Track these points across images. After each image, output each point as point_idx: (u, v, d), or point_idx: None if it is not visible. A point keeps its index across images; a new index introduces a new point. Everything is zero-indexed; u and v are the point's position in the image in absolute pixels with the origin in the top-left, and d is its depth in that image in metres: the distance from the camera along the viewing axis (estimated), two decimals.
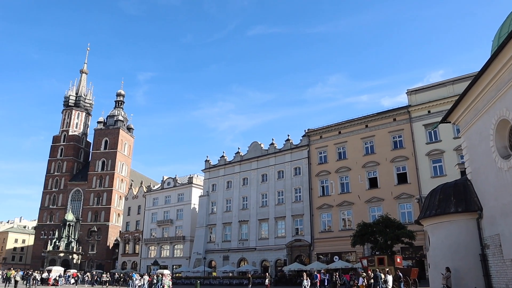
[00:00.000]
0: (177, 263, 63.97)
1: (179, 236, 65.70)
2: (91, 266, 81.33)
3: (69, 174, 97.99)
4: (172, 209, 68.85)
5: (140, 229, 74.16)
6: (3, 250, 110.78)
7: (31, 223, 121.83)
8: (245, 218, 55.18)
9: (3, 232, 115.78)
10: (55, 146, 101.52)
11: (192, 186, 66.99)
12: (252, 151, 57.77)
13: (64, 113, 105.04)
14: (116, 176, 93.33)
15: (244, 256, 53.94)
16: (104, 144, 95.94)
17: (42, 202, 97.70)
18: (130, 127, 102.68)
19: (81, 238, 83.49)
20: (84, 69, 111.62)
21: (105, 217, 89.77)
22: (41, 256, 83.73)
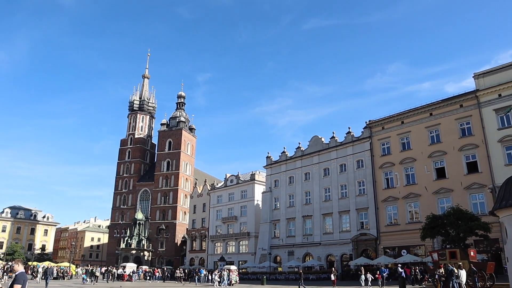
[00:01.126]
0: (243, 259, 64.91)
1: (244, 232, 66.60)
2: (161, 262, 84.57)
3: (137, 175, 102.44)
4: (236, 206, 69.94)
5: (206, 226, 76.04)
6: (82, 248, 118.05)
7: (104, 223, 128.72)
8: (309, 213, 54.90)
9: (80, 231, 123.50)
10: (123, 149, 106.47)
11: (254, 183, 67.63)
12: (313, 145, 57.30)
13: (130, 117, 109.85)
14: (181, 176, 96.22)
15: (309, 251, 53.71)
16: (168, 145, 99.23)
17: (114, 202, 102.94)
18: (192, 127, 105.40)
19: (151, 236, 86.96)
20: (146, 74, 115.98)
21: (172, 216, 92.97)
22: (115, 253, 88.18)
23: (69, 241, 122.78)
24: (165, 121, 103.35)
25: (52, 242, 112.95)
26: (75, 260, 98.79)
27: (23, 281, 7.15)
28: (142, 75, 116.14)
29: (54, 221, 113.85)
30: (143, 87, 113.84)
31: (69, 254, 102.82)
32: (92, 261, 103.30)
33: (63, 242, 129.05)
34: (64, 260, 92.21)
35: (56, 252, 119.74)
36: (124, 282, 45.38)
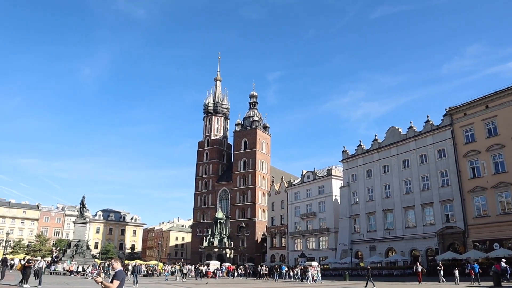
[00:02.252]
0: (323, 255, 64.41)
1: (323, 228, 66.05)
2: (242, 260, 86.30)
3: (215, 175, 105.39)
4: (314, 202, 69.53)
5: (285, 223, 76.41)
6: (167, 247, 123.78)
7: (187, 222, 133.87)
8: (389, 207, 53.21)
9: (165, 231, 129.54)
10: (201, 151, 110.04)
11: (331, 178, 66.79)
12: (390, 136, 55.40)
13: (205, 120, 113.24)
14: (258, 174, 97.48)
15: (392, 245, 52.02)
16: (243, 145, 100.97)
17: (195, 203, 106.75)
18: (265, 126, 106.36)
19: (232, 234, 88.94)
20: (218, 77, 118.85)
21: (251, 214, 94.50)
22: (198, 251, 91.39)
23: (156, 240, 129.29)
24: (239, 121, 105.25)
25: (141, 242, 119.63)
26: (162, 259, 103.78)
27: (122, 278, 7.60)
28: (214, 78, 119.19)
29: (141, 222, 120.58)
30: (216, 89, 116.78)
31: (156, 253, 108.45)
32: (177, 259, 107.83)
33: (150, 242, 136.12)
34: (152, 259, 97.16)
35: (144, 251, 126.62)
36: (209, 279, 46.87)
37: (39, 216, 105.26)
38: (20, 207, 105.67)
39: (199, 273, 46.95)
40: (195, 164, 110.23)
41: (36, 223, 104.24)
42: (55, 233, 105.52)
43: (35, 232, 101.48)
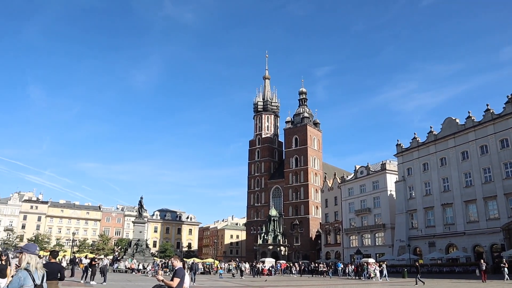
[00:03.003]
0: (380, 251, 63.03)
1: (379, 224, 64.61)
2: (297, 257, 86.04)
3: (267, 173, 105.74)
4: (368, 197, 68.19)
5: (339, 220, 75.45)
6: (222, 245, 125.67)
7: (241, 220, 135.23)
8: (448, 201, 51.19)
9: (220, 230, 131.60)
10: (252, 150, 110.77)
11: (386, 173, 65.20)
12: (447, 128, 53.24)
13: (256, 118, 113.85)
14: (310, 171, 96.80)
15: (452, 241, 50.04)
16: (294, 142, 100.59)
17: (248, 201, 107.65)
18: (316, 122, 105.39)
19: (286, 231, 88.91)
20: (266, 75, 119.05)
21: (304, 211, 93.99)
22: (253, 249, 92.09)
23: (211, 239, 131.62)
24: (289, 118, 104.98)
25: (197, 240, 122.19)
26: (218, 257, 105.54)
27: (182, 275, 7.80)
28: (263, 77, 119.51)
29: (196, 221, 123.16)
30: (265, 88, 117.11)
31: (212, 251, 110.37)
32: (232, 257, 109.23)
33: (205, 240, 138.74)
34: (208, 257, 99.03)
35: (200, 249, 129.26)
36: (266, 277, 47.09)
37: (101, 216, 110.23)
38: (84, 208, 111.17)
39: (255, 271, 47.27)
40: (247, 162, 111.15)
41: (99, 224, 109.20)
42: (116, 232, 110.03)
43: (98, 232, 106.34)
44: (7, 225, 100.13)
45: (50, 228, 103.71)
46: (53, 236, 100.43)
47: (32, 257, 5.13)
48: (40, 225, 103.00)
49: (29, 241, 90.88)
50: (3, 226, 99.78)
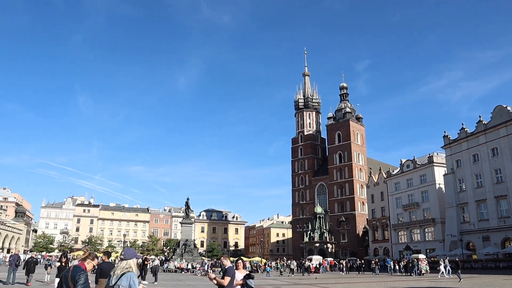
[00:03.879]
0: (430, 247, 61.26)
1: (428, 219, 62.80)
2: (345, 254, 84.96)
3: (311, 170, 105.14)
4: (416, 191, 66.45)
5: (386, 215, 73.96)
6: (269, 243, 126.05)
7: (286, 218, 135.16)
8: (502, 193, 49.03)
9: (266, 228, 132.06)
10: (295, 147, 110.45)
11: (433, 165, 63.26)
12: (497, 116, 50.96)
13: (297, 116, 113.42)
14: (354, 166, 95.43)
15: (509, 235, 47.87)
16: (337, 138, 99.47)
17: (293, 199, 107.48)
18: (358, 116, 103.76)
19: (332, 228, 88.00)
20: (306, 72, 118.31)
21: (350, 207, 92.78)
22: (299, 247, 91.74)
23: (257, 237, 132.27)
24: (331, 114, 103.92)
25: (243, 239, 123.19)
26: (265, 255, 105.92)
27: (232, 274, 7.94)
28: (302, 74, 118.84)
29: (242, 220, 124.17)
30: (305, 85, 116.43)
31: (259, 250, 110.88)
32: (279, 255, 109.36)
33: (252, 239, 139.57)
34: (254, 255, 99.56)
35: (247, 248, 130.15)
36: (315, 274, 46.86)
37: (149, 218, 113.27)
38: (133, 210, 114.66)
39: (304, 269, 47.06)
40: (290, 160, 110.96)
41: (147, 225, 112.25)
42: (164, 233, 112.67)
43: (147, 233, 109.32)
44: (63, 228, 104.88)
45: (102, 230, 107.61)
46: (105, 237, 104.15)
47: (122, 263, 5.54)
48: (93, 227, 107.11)
49: (83, 243, 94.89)
50: (59, 229, 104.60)
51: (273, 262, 61.95)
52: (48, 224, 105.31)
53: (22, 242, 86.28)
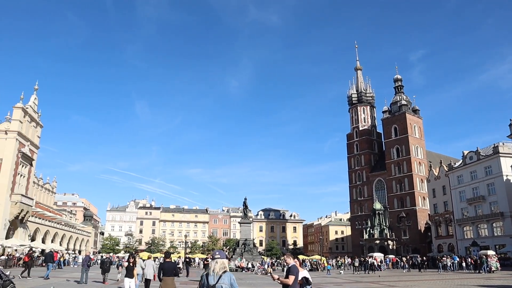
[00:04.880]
0: (500, 243, 58.26)
1: (496, 213, 59.75)
2: (406, 250, 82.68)
3: (368, 166, 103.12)
4: (480, 184, 63.43)
5: (449, 210, 71.20)
6: (328, 241, 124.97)
7: (345, 216, 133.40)
8: None
9: (324, 226, 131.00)
10: (350, 143, 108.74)
11: (499, 156, 60.02)
12: None
13: (351, 111, 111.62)
14: (413, 160, 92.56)
15: None
16: (394, 132, 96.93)
17: (350, 195, 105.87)
18: (415, 109, 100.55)
19: (392, 224, 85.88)
20: (358, 66, 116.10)
21: (410, 202, 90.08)
22: (359, 244, 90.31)
23: (316, 235, 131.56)
24: (386, 108, 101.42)
25: (301, 238, 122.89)
26: (324, 253, 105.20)
27: (296, 272, 8.09)
28: (354, 68, 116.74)
29: (300, 218, 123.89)
30: (357, 79, 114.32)
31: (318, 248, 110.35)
32: (338, 253, 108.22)
33: (310, 237, 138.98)
34: (314, 253, 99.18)
35: (306, 246, 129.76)
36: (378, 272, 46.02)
37: (208, 219, 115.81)
38: (192, 212, 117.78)
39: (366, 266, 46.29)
40: (346, 157, 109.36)
41: (207, 225, 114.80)
42: (224, 233, 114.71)
43: (206, 233, 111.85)
44: (127, 231, 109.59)
45: (164, 231, 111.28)
46: (167, 238, 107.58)
47: (217, 261, 5.67)
48: (155, 229, 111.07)
49: (146, 244, 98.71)
50: (123, 231, 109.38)
51: (333, 260, 61.45)
52: (113, 227, 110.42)
53: (91, 244, 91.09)
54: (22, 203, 48.57)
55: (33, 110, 52.84)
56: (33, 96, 53.62)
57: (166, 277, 10.48)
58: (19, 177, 50.24)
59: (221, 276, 5.54)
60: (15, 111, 48.84)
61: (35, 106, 53.81)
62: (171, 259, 12.57)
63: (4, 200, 46.24)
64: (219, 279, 5.52)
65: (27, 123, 51.17)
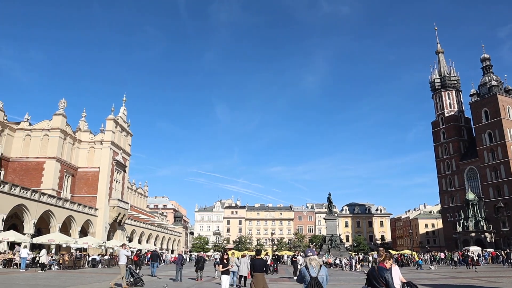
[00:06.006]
0: None
1: None
2: (507, 243, 76.83)
3: (457, 154, 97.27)
4: None
5: None
6: (417, 235, 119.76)
7: (434, 208, 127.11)
8: None
9: (413, 219, 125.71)
10: (436, 131, 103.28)
11: None
12: None
13: (435, 98, 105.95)
14: (509, 145, 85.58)
15: None
16: (484, 116, 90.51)
17: (440, 186, 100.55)
18: (508, 89, 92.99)
19: (489, 215, 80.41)
20: (439, 49, 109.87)
21: (509, 191, 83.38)
22: (452, 237, 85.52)
23: (404, 229, 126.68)
24: (474, 91, 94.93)
25: (389, 232, 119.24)
26: (414, 248, 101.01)
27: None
28: (435, 51, 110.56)
29: (386, 212, 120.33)
30: (439, 63, 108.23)
31: (407, 242, 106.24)
32: (430, 247, 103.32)
33: (399, 231, 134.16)
34: (403, 248, 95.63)
35: (394, 241, 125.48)
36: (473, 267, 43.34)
37: (293, 216, 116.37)
38: (277, 209, 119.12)
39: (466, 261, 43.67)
40: (432, 146, 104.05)
41: (292, 222, 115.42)
42: (309, 229, 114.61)
43: (292, 230, 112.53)
44: (215, 230, 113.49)
45: (250, 229, 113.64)
46: (254, 236, 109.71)
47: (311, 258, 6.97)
48: (241, 227, 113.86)
49: (234, 243, 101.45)
50: (211, 231, 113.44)
51: (426, 255, 58.85)
52: (202, 227, 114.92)
53: (182, 244, 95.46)
54: (119, 207, 52.30)
55: (123, 121, 56.72)
56: (122, 107, 57.54)
57: (257, 273, 10.89)
58: (115, 183, 54.09)
59: (320, 269, 6.83)
60: (108, 123, 52.82)
61: (124, 117, 57.70)
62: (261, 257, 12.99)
63: (103, 205, 50.14)
64: (319, 272, 6.80)
65: (118, 133, 55.01)
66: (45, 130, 47.89)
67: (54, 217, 40.51)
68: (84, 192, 50.76)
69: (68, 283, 19.69)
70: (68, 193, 48.99)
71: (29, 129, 48.27)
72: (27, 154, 47.16)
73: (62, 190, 47.67)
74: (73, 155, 50.89)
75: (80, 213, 45.74)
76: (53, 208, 40.45)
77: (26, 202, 36.37)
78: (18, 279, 20.70)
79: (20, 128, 48.31)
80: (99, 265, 36.68)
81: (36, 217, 37.73)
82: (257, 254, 12.17)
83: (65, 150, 48.95)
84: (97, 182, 50.97)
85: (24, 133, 48.07)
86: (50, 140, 47.42)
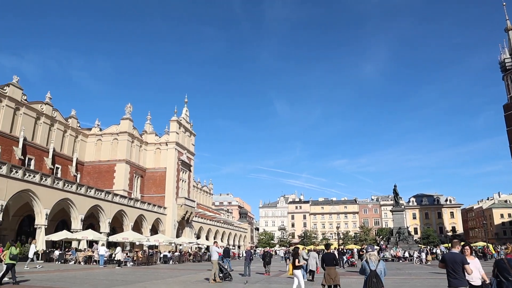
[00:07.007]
0: None
1: None
2: None
3: None
4: None
5: None
6: (492, 225, 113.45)
7: (510, 197, 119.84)
8: None
9: (487, 209, 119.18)
10: (509, 115, 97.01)
11: None
12: None
13: (506, 79, 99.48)
14: None
15: None
16: None
17: None
18: None
19: None
20: (508, 26, 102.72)
21: None
22: None
23: (477, 220, 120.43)
24: None
25: (461, 223, 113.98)
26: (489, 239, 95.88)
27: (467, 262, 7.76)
28: (504, 29, 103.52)
29: (457, 202, 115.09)
30: (510, 41, 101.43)
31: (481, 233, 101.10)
32: (507, 238, 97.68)
33: (471, 222, 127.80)
34: (477, 240, 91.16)
35: (466, 232, 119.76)
36: None
37: (358, 209, 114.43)
38: (341, 203, 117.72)
39: None
40: (505, 130, 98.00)
41: (357, 216, 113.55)
42: (375, 222, 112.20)
43: (357, 223, 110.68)
44: (280, 225, 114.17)
45: (315, 224, 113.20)
46: (319, 231, 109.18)
47: (371, 254, 8.33)
48: (306, 222, 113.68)
49: (299, 237, 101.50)
50: (276, 226, 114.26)
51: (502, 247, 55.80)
52: (267, 222, 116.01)
53: (248, 240, 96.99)
54: (186, 205, 54.13)
55: (186, 121, 58.60)
56: (184, 108, 59.43)
57: (329, 266, 11.22)
58: (181, 182, 56.05)
59: (378, 263, 8.10)
60: (172, 124, 54.82)
61: (187, 118, 59.56)
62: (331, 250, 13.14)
63: (171, 203, 52.15)
64: (377, 265, 8.06)
65: (182, 133, 56.92)
66: (114, 134, 50.57)
67: (127, 216, 42.74)
68: (152, 192, 53.07)
69: (143, 278, 20.74)
70: (138, 193, 51.43)
71: (99, 134, 51.17)
72: (99, 157, 50.06)
73: (132, 191, 50.16)
74: (141, 156, 53.34)
75: (150, 212, 47.90)
76: (126, 208, 42.69)
77: (101, 203, 38.71)
78: (98, 275, 22.09)
79: (92, 134, 51.32)
80: (170, 261, 38.18)
81: (111, 216, 40.03)
82: (326, 248, 12.44)
83: (133, 152, 51.41)
84: (165, 182, 53.12)
85: (95, 138, 51.05)
86: (119, 143, 50.02)
